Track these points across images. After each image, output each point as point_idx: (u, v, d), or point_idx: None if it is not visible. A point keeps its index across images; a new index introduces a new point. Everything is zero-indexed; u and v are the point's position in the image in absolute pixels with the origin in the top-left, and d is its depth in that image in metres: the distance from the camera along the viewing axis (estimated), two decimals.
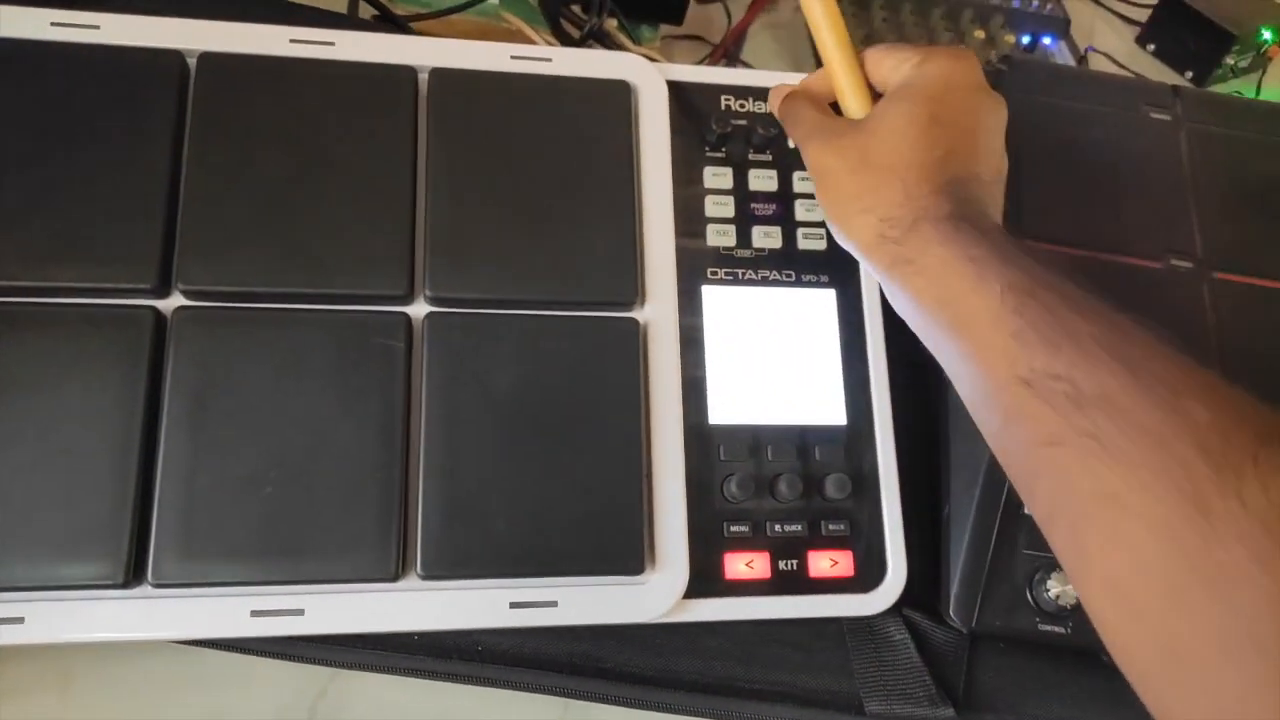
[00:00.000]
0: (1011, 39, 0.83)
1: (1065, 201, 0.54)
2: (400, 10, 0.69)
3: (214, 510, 0.41)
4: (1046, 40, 0.85)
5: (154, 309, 0.44)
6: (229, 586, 0.41)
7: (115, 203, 0.44)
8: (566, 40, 0.67)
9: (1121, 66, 0.86)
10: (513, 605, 0.43)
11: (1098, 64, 0.86)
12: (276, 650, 0.46)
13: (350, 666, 0.46)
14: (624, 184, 0.49)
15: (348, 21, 0.59)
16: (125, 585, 0.40)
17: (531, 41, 0.64)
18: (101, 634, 0.40)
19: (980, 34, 0.83)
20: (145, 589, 0.41)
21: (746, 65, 0.80)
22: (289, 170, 0.46)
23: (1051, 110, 0.57)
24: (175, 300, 0.44)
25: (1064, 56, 0.85)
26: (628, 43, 0.66)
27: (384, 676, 0.47)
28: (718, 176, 0.51)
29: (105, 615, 0.40)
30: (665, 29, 0.76)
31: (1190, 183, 0.55)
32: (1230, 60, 0.88)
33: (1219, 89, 0.89)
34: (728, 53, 0.80)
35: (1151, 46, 0.92)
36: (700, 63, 0.78)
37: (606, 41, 0.66)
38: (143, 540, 0.41)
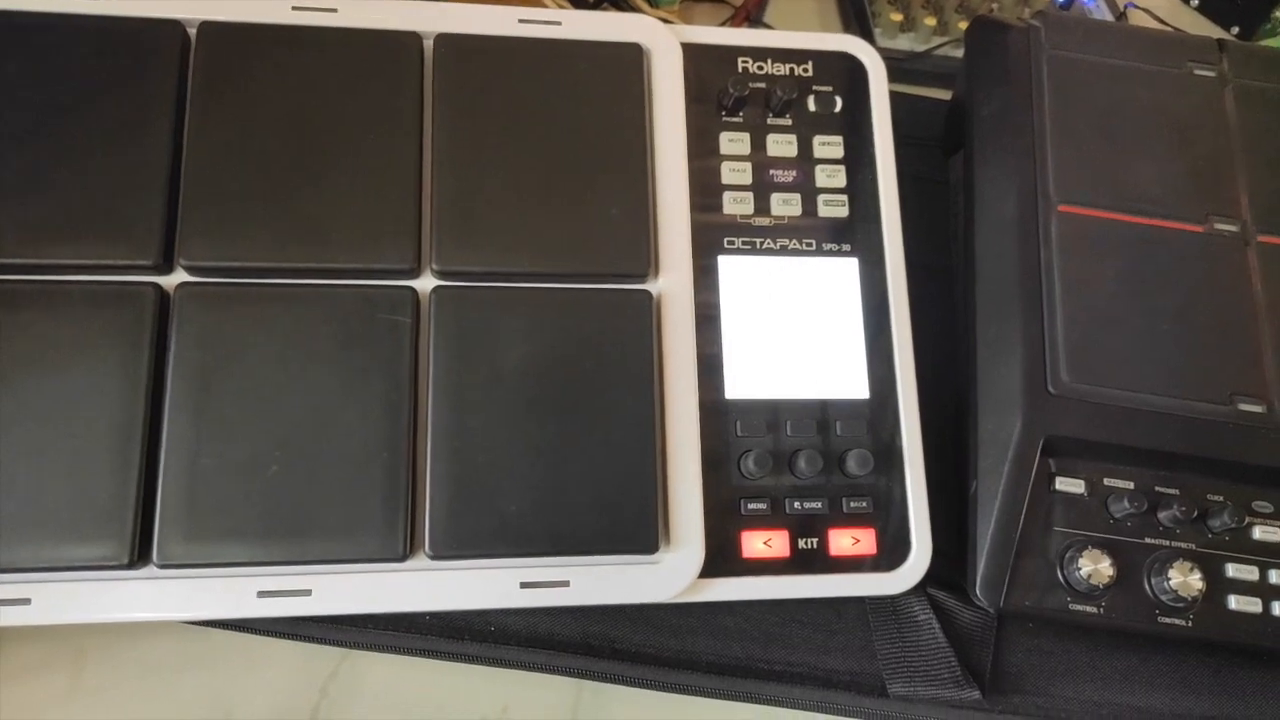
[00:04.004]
0: None
1: (1102, 165, 0.51)
2: None
3: (219, 490, 0.41)
4: None
5: (156, 285, 0.43)
6: (235, 567, 0.41)
7: (115, 177, 0.43)
8: (582, 3, 0.65)
9: (1162, 22, 0.82)
10: (524, 585, 0.42)
11: (1138, 20, 0.82)
12: (287, 630, 0.45)
13: (361, 647, 0.46)
14: (636, 151, 0.47)
15: None
16: (131, 566, 0.40)
17: (542, 4, 0.62)
18: (107, 615, 0.40)
19: None
20: (151, 570, 0.40)
21: (768, 27, 0.77)
22: (292, 142, 0.45)
23: (1088, 68, 0.54)
24: (178, 276, 0.44)
25: (1102, 13, 0.81)
26: (644, 5, 0.64)
27: (395, 657, 0.46)
28: (734, 142, 0.50)
29: (111, 596, 0.40)
30: None
31: (1236, 141, 0.53)
32: (1279, 13, 0.83)
33: (1269, 44, 0.85)
34: (750, 16, 0.77)
35: (1195, 1, 0.88)
36: (721, 26, 0.76)
37: (622, 4, 0.64)
38: (148, 521, 0.40)
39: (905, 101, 0.71)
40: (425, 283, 0.45)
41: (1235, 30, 0.85)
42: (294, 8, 0.47)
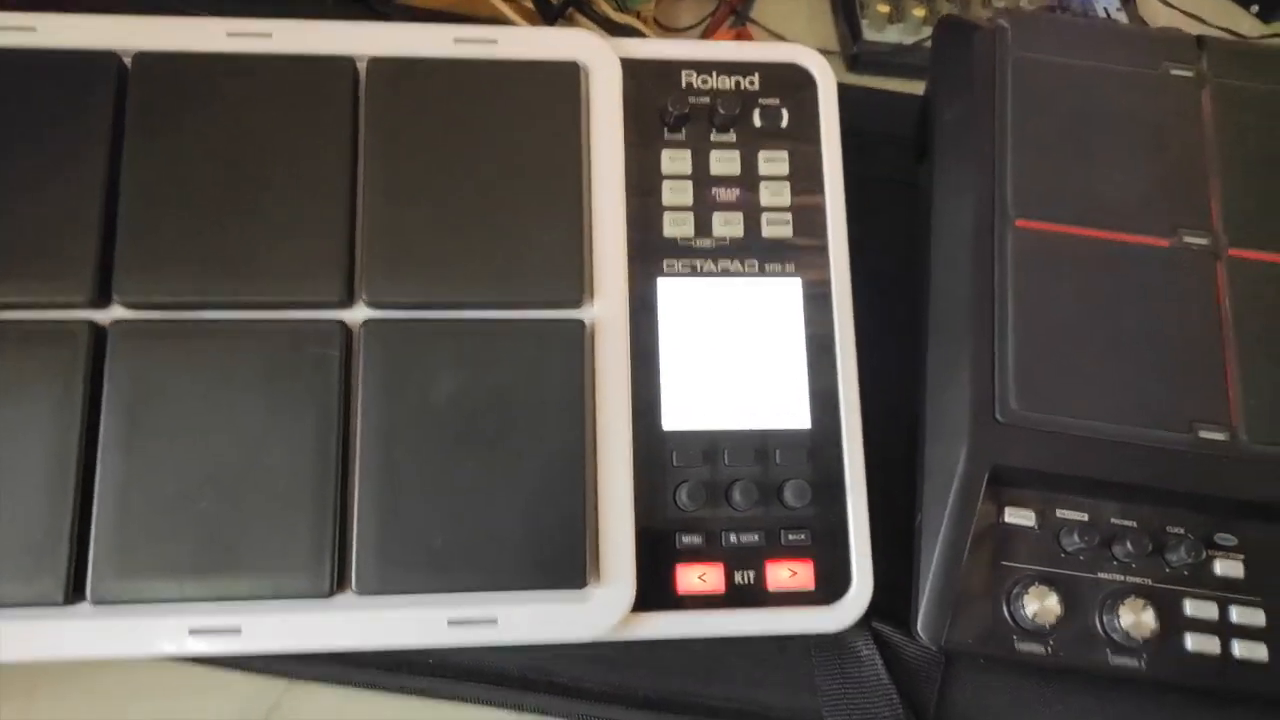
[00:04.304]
0: None
1: (1064, 175, 0.49)
2: None
3: (152, 527, 0.41)
4: None
5: (91, 322, 0.43)
6: (168, 604, 0.41)
7: (50, 212, 0.44)
8: (547, 8, 0.64)
9: (1171, 6, 0.78)
10: (451, 623, 0.42)
11: (1145, 5, 0.78)
12: (230, 661, 0.46)
13: (304, 678, 0.46)
14: (571, 173, 0.47)
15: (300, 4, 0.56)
16: (65, 603, 0.41)
17: (502, 15, 0.61)
18: (41, 653, 0.41)
19: None
20: (84, 607, 0.41)
21: (755, 23, 0.75)
22: (228, 172, 0.45)
23: (1055, 71, 0.51)
24: (114, 312, 0.44)
25: None
26: (610, 10, 0.63)
27: (337, 688, 0.46)
28: (675, 160, 0.48)
29: (45, 634, 0.41)
30: None
31: (1211, 146, 0.50)
32: None
33: None
34: (735, 10, 0.75)
35: None
36: (703, 21, 0.74)
37: (587, 10, 0.62)
38: (81, 558, 0.41)
39: (885, 99, 0.69)
40: (357, 314, 0.45)
41: (1255, 9, 0.81)
42: (229, 34, 0.47)
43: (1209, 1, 0.81)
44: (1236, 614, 0.45)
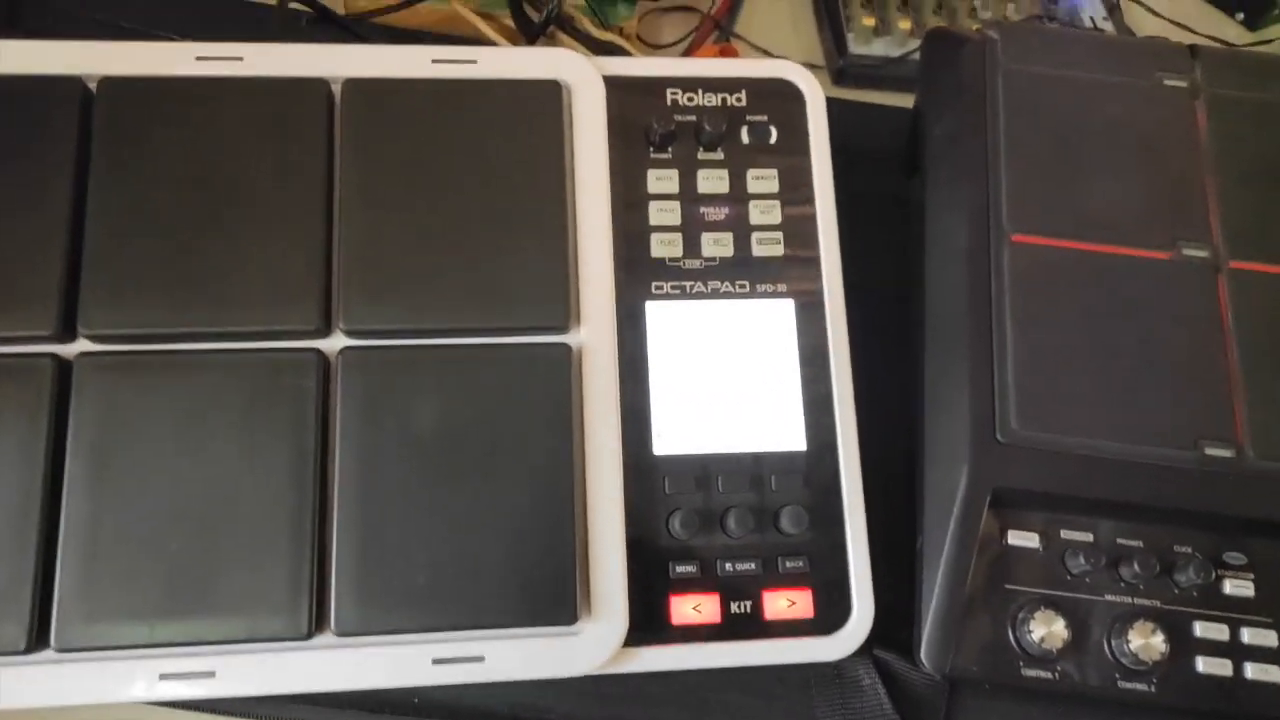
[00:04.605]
0: None
1: (1060, 189, 0.48)
2: (362, 3, 0.66)
3: (119, 569, 0.40)
4: None
5: (56, 356, 0.41)
6: (136, 649, 0.39)
7: (13, 242, 0.42)
8: (528, 26, 0.63)
9: (1158, 15, 0.77)
10: (436, 661, 0.41)
11: (1132, 14, 0.77)
12: (204, 706, 0.44)
13: None
14: (555, 194, 0.45)
15: (272, 24, 0.55)
16: (28, 651, 0.39)
17: (482, 34, 0.60)
18: (3, 703, 0.39)
19: None
20: (49, 654, 0.39)
21: (739, 38, 0.74)
22: (198, 200, 0.44)
23: (1047, 83, 0.50)
24: (79, 345, 0.42)
25: (1094, 6, 0.77)
26: (591, 27, 0.62)
27: None
28: (662, 180, 0.47)
29: (7, 683, 0.39)
30: (645, 4, 0.71)
31: (1208, 158, 0.49)
32: None
33: (1275, 30, 0.80)
34: (719, 25, 0.75)
35: None
36: (687, 36, 0.73)
37: (568, 27, 0.61)
38: (46, 604, 0.39)
39: (872, 113, 0.68)
40: (334, 342, 0.43)
41: (1240, 16, 0.81)
42: (198, 57, 0.46)
43: (1195, 10, 0.81)
44: (1248, 635, 0.43)
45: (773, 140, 0.48)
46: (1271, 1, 0.79)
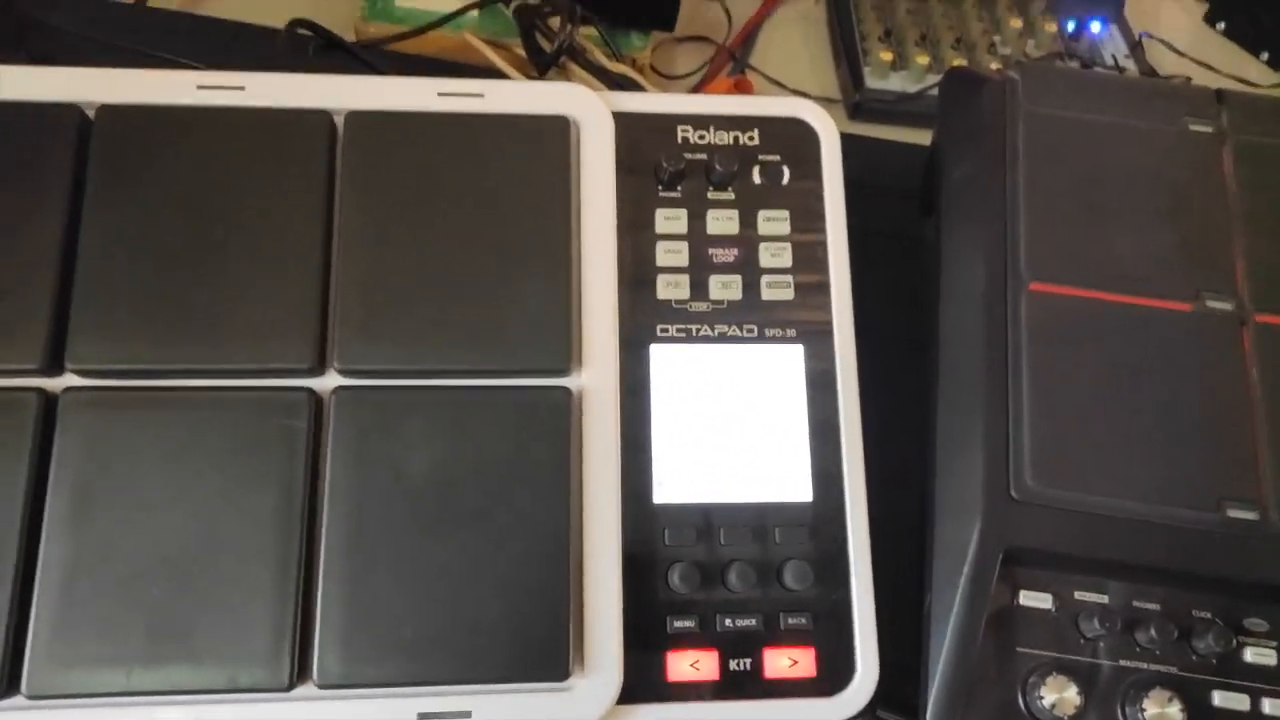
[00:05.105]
0: (1053, 27, 0.75)
1: (1080, 236, 0.47)
2: (373, 30, 0.65)
3: (98, 614, 0.38)
4: (1095, 26, 0.76)
5: (42, 390, 0.40)
6: (111, 697, 0.38)
7: (3, 272, 0.41)
8: (540, 57, 0.62)
9: (1180, 54, 0.76)
10: (421, 716, 0.39)
11: (1154, 52, 0.76)
12: None
13: None
14: (560, 234, 0.44)
15: (278, 52, 0.54)
16: None
17: (493, 64, 0.59)
18: None
19: (1017, 23, 0.74)
20: (19, 700, 0.38)
21: (754, 70, 0.73)
22: (194, 232, 0.43)
23: (1070, 126, 0.49)
24: (66, 380, 0.41)
25: (1115, 44, 0.75)
26: (604, 59, 0.61)
27: None
28: (670, 220, 0.46)
29: None
30: (661, 34, 0.70)
31: (1234, 206, 0.47)
32: None
33: None
34: (734, 57, 0.74)
35: (1222, 25, 0.82)
36: (701, 68, 0.72)
37: (580, 58, 0.60)
38: (18, 650, 0.38)
39: (889, 149, 0.67)
40: (328, 381, 0.42)
41: (1265, 56, 0.79)
42: (199, 86, 0.45)
43: (1218, 49, 0.80)
44: (1270, 707, 0.41)
45: (785, 181, 0.47)
46: None
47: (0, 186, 0.42)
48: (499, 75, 0.60)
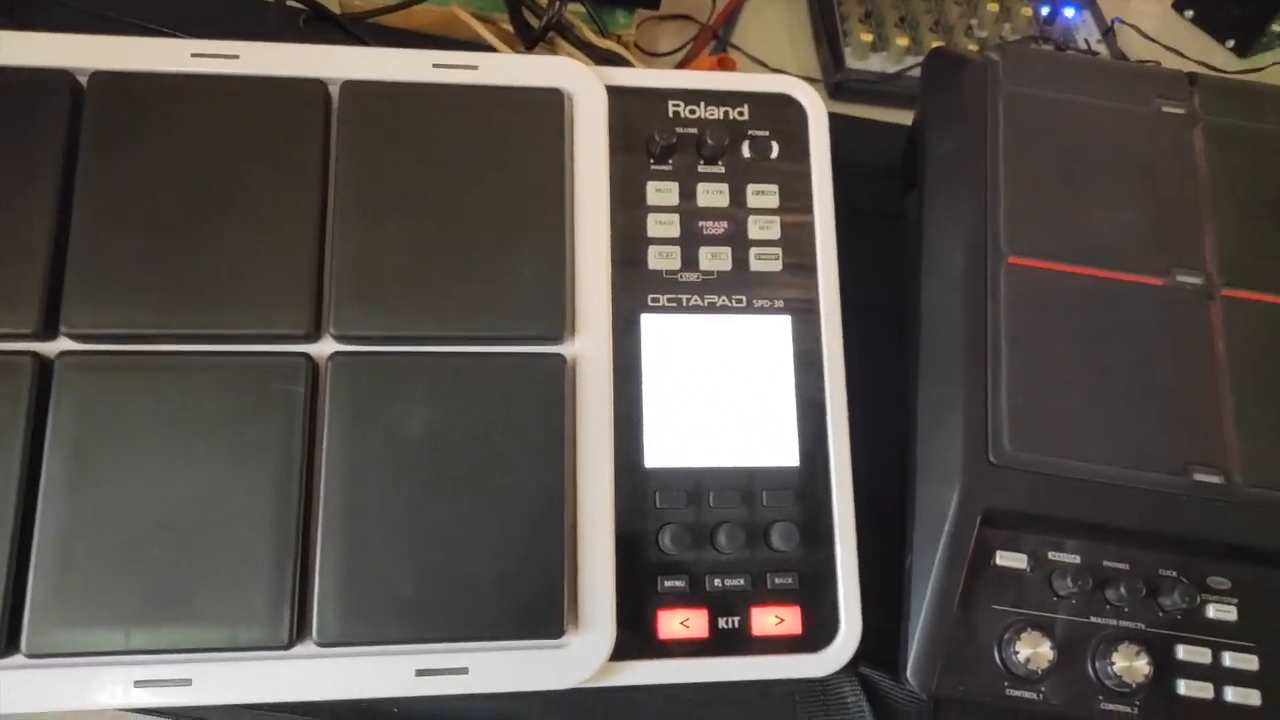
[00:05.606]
0: (1029, 11, 0.76)
1: (1057, 212, 0.48)
2: (359, 3, 0.65)
3: (95, 573, 0.39)
4: (1069, 11, 0.78)
5: (36, 354, 0.41)
6: (111, 655, 0.39)
7: None
8: (527, 32, 0.62)
9: (1150, 39, 0.78)
10: (419, 673, 0.40)
11: (1125, 37, 0.78)
12: (180, 713, 0.43)
13: None
14: (553, 204, 0.45)
15: (269, 23, 0.55)
16: None
17: (480, 39, 0.60)
18: None
19: (994, 6, 0.76)
20: (18, 659, 0.38)
21: (736, 49, 0.74)
22: (188, 199, 0.43)
23: (1048, 106, 0.51)
24: (61, 344, 0.41)
25: (1088, 29, 0.77)
26: (591, 35, 0.61)
27: None
28: (661, 192, 0.47)
29: None
30: (645, 12, 0.70)
31: (1203, 185, 0.49)
32: (1277, 26, 0.79)
33: (1264, 58, 0.81)
34: (716, 35, 0.75)
35: (1190, 12, 0.84)
36: (685, 46, 0.73)
37: (568, 34, 0.61)
38: (17, 608, 0.38)
39: (870, 129, 0.68)
40: (324, 347, 0.43)
41: (1231, 44, 0.82)
42: (193, 54, 0.45)
43: (1186, 35, 0.82)
44: (1230, 659, 0.43)
45: (774, 155, 0.48)
46: (1260, 30, 0.80)
47: None
48: (486, 49, 0.61)
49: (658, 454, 0.44)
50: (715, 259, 0.46)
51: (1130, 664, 0.42)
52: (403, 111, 0.45)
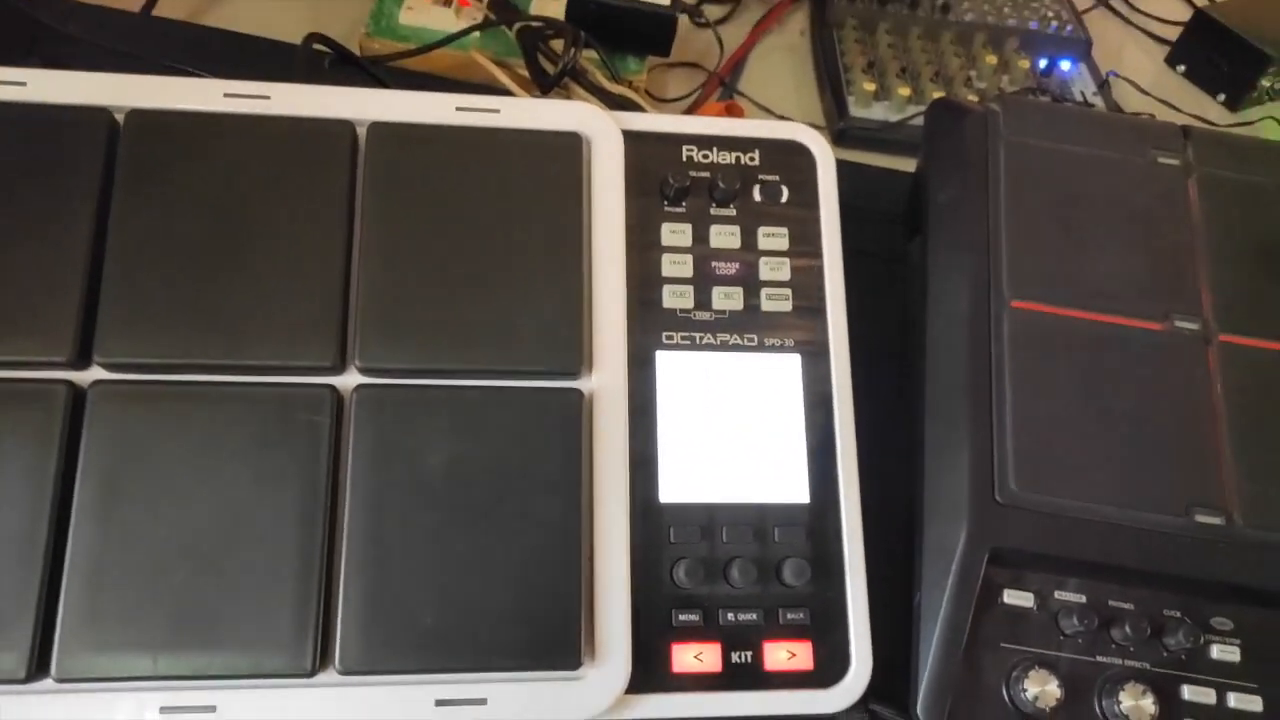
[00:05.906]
0: (1026, 64, 0.79)
1: (1058, 258, 0.50)
2: (378, 46, 0.67)
3: (125, 600, 0.39)
4: (1065, 65, 0.80)
5: (70, 383, 0.42)
6: (137, 681, 0.39)
7: (33, 269, 0.42)
8: (543, 77, 0.64)
9: (1145, 93, 0.81)
10: (439, 702, 0.41)
11: (1120, 90, 0.81)
12: None
13: None
14: (572, 243, 0.46)
15: (296, 66, 0.56)
16: (27, 680, 0.38)
17: (497, 83, 0.61)
18: None
19: (993, 59, 0.78)
20: (48, 683, 0.39)
21: (743, 95, 0.76)
22: (219, 234, 0.44)
23: (1048, 155, 0.52)
24: (94, 373, 0.42)
25: (1084, 82, 0.80)
26: (604, 81, 0.63)
27: None
28: (676, 233, 0.48)
29: (4, 712, 0.38)
30: (656, 59, 0.73)
31: (1199, 235, 0.51)
32: (1266, 82, 0.82)
33: (1254, 112, 0.84)
34: (724, 82, 0.77)
35: (1182, 68, 0.86)
36: (693, 92, 0.75)
37: (582, 79, 0.63)
38: (47, 633, 0.39)
39: (874, 175, 0.70)
40: (349, 380, 0.44)
41: (1222, 98, 0.84)
42: (226, 94, 0.46)
43: (1179, 89, 0.85)
44: (1234, 700, 0.44)
45: (784, 199, 0.50)
46: (1250, 86, 0.82)
47: (31, 185, 0.43)
48: (503, 93, 0.62)
49: (672, 489, 0.45)
50: (728, 299, 0.48)
51: (1136, 703, 0.43)
52: (427, 152, 0.46)
